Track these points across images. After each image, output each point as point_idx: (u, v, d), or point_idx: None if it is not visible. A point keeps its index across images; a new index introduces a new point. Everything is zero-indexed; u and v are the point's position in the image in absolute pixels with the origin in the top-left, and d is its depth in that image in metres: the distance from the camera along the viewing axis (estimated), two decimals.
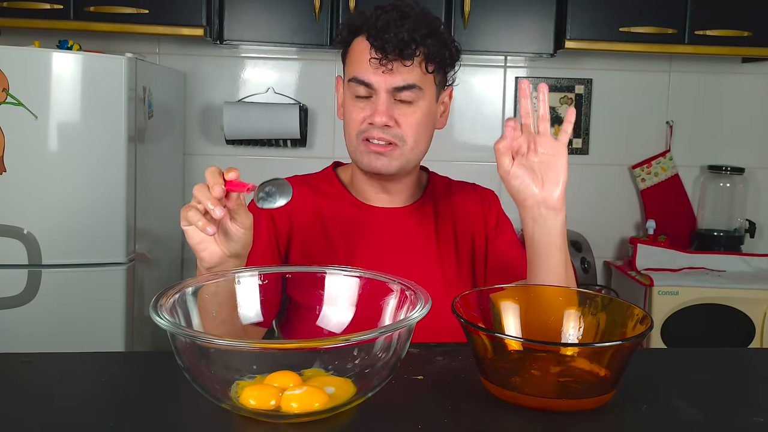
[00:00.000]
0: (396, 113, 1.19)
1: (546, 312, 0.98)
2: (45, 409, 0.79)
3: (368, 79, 1.19)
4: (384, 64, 1.17)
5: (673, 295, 2.41)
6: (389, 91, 1.18)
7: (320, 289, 0.94)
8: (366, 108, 1.20)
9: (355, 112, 1.22)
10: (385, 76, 1.18)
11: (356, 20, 1.23)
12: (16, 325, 2.00)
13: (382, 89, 1.18)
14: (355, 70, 1.20)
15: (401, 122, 1.20)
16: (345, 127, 1.25)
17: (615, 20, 2.43)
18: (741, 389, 0.92)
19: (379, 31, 1.16)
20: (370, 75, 1.18)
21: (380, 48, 1.16)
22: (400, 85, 1.18)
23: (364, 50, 1.19)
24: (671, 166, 2.83)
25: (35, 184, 2.00)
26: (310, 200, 1.29)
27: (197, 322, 0.85)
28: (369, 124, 1.20)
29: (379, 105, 1.18)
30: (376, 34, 1.16)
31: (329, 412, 0.74)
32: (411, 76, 1.18)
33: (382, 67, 1.17)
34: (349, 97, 1.23)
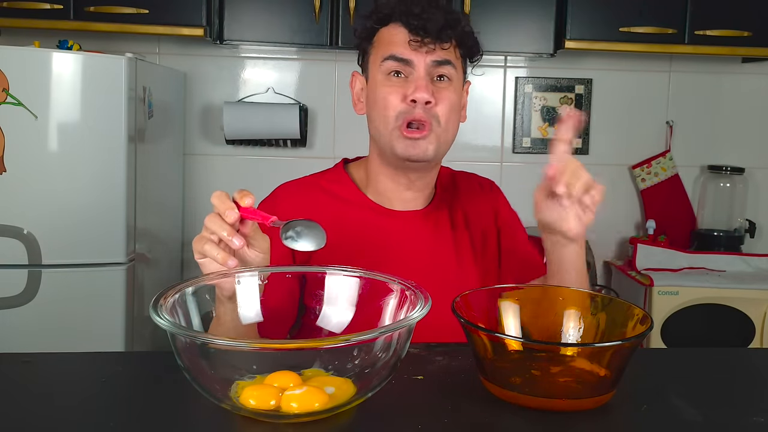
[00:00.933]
0: (434, 90, 1.17)
1: (546, 312, 0.98)
2: (45, 409, 0.79)
3: (407, 56, 1.17)
4: (424, 44, 1.16)
5: (673, 295, 2.41)
6: (428, 67, 1.17)
7: (320, 289, 0.94)
8: (403, 87, 1.17)
9: (392, 93, 1.18)
10: (424, 54, 1.17)
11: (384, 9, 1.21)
12: (16, 325, 2.00)
13: (422, 64, 1.17)
14: (390, 49, 1.18)
15: (438, 99, 1.17)
16: (377, 112, 1.20)
17: (615, 20, 2.43)
18: (741, 389, 0.92)
19: (414, 14, 1.16)
20: (409, 52, 1.17)
21: (420, 28, 1.15)
22: (438, 59, 1.17)
23: (399, 33, 1.18)
24: (671, 166, 2.83)
25: (35, 184, 2.00)
26: (326, 208, 1.23)
27: (197, 322, 0.85)
28: (411, 102, 1.16)
29: (420, 80, 1.16)
30: (413, 17, 1.16)
31: (329, 412, 0.74)
32: (448, 53, 1.18)
33: (423, 47, 1.16)
34: (382, 80, 1.20)
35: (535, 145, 2.82)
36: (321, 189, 1.26)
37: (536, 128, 2.82)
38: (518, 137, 2.82)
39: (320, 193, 1.25)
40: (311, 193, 1.25)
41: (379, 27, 1.22)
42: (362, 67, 1.28)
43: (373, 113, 1.22)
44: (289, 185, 1.28)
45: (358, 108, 1.29)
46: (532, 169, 2.81)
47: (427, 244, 1.25)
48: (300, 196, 1.25)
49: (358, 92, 1.29)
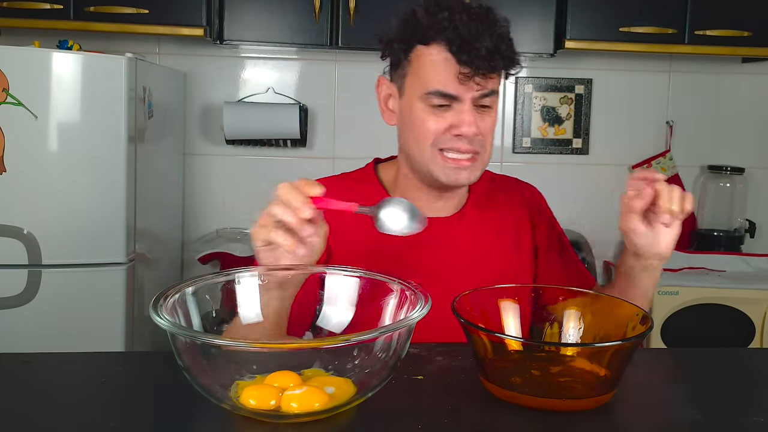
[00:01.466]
0: (477, 119, 1.13)
1: (546, 312, 0.98)
2: (45, 408, 0.79)
3: (454, 92, 1.11)
4: (472, 77, 1.10)
5: (673, 295, 2.41)
6: (473, 100, 1.13)
7: (320, 289, 0.94)
8: (446, 118, 1.13)
9: (434, 123, 1.13)
10: (471, 88, 1.11)
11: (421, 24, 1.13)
12: (16, 325, 2.00)
13: (468, 99, 1.12)
14: (436, 82, 1.12)
15: (482, 129, 1.14)
16: (415, 136, 1.16)
17: (615, 20, 2.43)
18: (741, 389, 0.92)
19: (463, 41, 1.08)
20: (456, 87, 1.11)
21: (467, 62, 1.09)
22: (484, 92, 1.12)
23: (444, 62, 1.10)
24: (671, 166, 2.83)
25: (35, 184, 1.99)
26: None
27: (197, 322, 0.85)
28: (455, 136, 1.13)
29: (466, 115, 1.12)
30: (461, 46, 1.08)
31: (329, 412, 0.74)
32: (493, 83, 1.13)
33: (469, 81, 1.10)
34: (423, 109, 1.14)
35: (535, 145, 2.82)
36: (348, 188, 1.24)
37: (536, 128, 2.82)
38: (518, 137, 2.82)
39: (346, 191, 1.23)
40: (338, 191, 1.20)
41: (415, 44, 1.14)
42: (392, 75, 1.22)
43: (409, 135, 1.18)
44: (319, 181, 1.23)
45: (386, 117, 1.23)
46: (532, 169, 2.82)
47: (452, 250, 1.22)
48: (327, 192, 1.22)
49: (386, 99, 1.23)
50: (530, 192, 1.36)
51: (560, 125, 2.83)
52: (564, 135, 2.84)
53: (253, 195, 2.73)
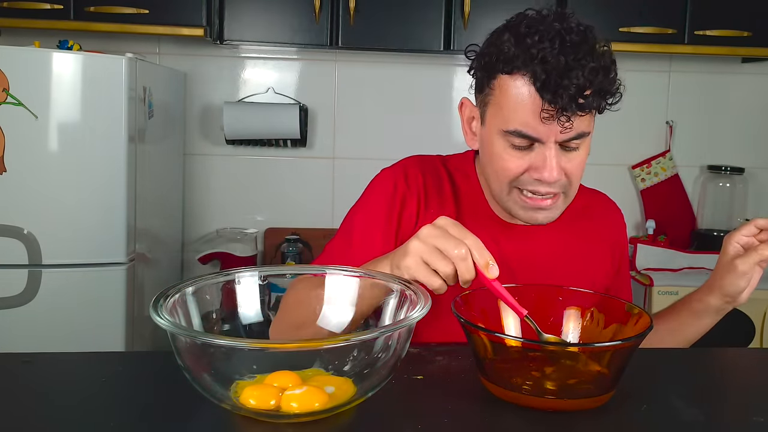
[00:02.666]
0: (562, 161, 1.04)
1: (546, 312, 0.98)
2: (45, 408, 0.79)
3: (536, 133, 1.01)
4: (556, 118, 0.98)
5: (673, 295, 2.41)
6: (559, 142, 1.03)
7: (320, 289, 0.94)
8: (526, 158, 1.04)
9: (512, 162, 1.05)
10: (555, 130, 1.00)
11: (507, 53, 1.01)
12: (16, 325, 2.00)
13: (551, 141, 1.02)
14: (516, 120, 1.02)
15: (568, 170, 1.05)
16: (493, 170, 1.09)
17: (615, 20, 2.43)
18: (741, 389, 0.92)
19: (550, 77, 0.96)
20: (538, 127, 1.01)
21: (553, 101, 0.97)
22: (572, 136, 1.02)
23: (526, 97, 1.00)
24: (671, 166, 2.83)
25: (35, 184, 1.99)
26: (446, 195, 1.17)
27: (197, 322, 0.85)
28: (535, 179, 1.04)
29: (549, 160, 1.02)
30: (546, 82, 0.97)
31: (329, 412, 0.74)
32: (582, 124, 1.02)
33: (553, 121, 0.99)
34: (503, 146, 1.05)
35: None
36: (447, 172, 1.19)
37: None
38: None
39: (445, 176, 1.19)
40: (436, 172, 1.19)
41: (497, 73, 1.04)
42: (476, 98, 1.13)
43: (488, 167, 1.11)
44: (417, 158, 1.21)
45: (469, 139, 1.15)
46: None
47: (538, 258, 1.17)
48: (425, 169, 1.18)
49: (469, 121, 1.15)
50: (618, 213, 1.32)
51: None
52: None
53: (253, 195, 2.74)
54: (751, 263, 1.08)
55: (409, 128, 2.68)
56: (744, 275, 1.09)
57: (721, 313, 1.17)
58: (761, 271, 1.10)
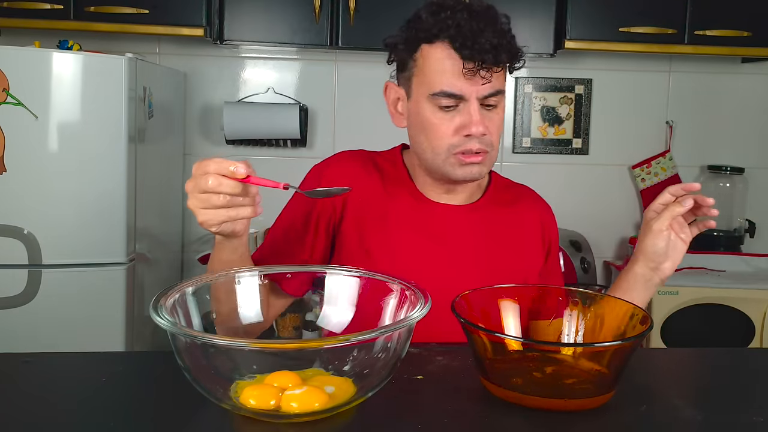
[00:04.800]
0: (485, 118, 1.15)
1: (546, 312, 0.98)
2: (45, 408, 0.79)
3: (459, 91, 1.13)
4: (476, 73, 1.11)
5: (673, 295, 2.41)
6: (479, 99, 1.14)
7: (320, 289, 0.94)
8: (455, 118, 1.15)
9: (444, 125, 1.15)
10: (476, 86, 1.13)
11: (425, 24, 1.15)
12: (16, 325, 2.00)
13: (473, 98, 1.13)
14: (442, 82, 1.13)
15: (489, 127, 1.16)
16: (426, 138, 1.18)
17: (615, 20, 2.43)
18: (741, 389, 0.92)
19: (466, 38, 1.10)
20: (462, 86, 1.12)
21: (470, 57, 1.10)
22: (490, 92, 1.14)
23: (447, 59, 1.12)
24: (671, 166, 2.83)
25: (35, 184, 1.99)
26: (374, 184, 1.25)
27: (197, 322, 0.85)
28: (465, 137, 1.14)
29: (474, 115, 1.13)
30: (465, 42, 1.10)
31: (329, 412, 0.75)
32: (498, 81, 1.15)
33: (474, 77, 1.12)
34: (432, 110, 1.16)
35: (535, 145, 2.82)
36: (375, 164, 1.28)
37: (536, 128, 2.82)
38: (518, 137, 2.82)
39: (373, 168, 1.27)
40: (365, 165, 1.27)
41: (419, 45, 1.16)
42: (399, 79, 1.24)
43: (420, 137, 1.20)
44: (348, 154, 1.31)
45: (396, 120, 1.25)
46: (532, 169, 2.82)
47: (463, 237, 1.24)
48: (354, 164, 1.27)
49: (394, 103, 1.25)
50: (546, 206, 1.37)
51: (560, 125, 2.83)
52: (564, 135, 2.84)
53: None
54: (664, 220, 1.16)
55: None
56: (660, 233, 1.16)
57: (649, 284, 1.20)
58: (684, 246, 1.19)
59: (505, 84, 1.18)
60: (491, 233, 1.26)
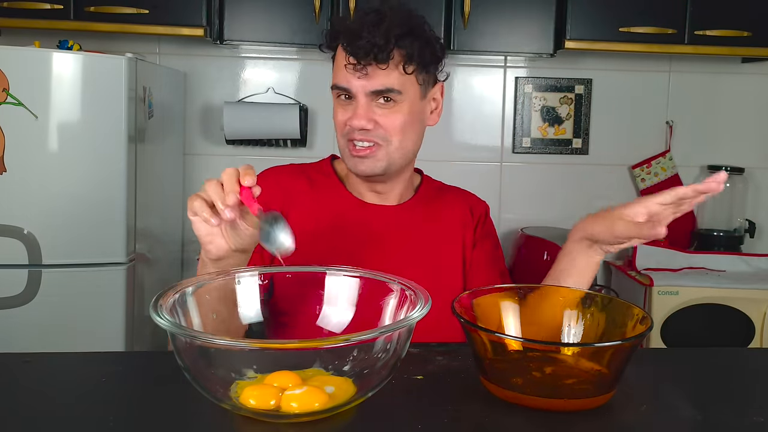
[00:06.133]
0: (377, 115, 1.21)
1: (546, 312, 0.98)
2: (45, 408, 0.79)
3: (346, 85, 1.21)
4: (359, 69, 1.19)
5: (673, 295, 2.41)
6: (367, 95, 1.21)
7: (320, 289, 0.94)
8: (347, 110, 1.24)
9: (340, 115, 1.25)
10: (362, 81, 1.20)
11: (336, 25, 1.26)
12: (16, 325, 2.00)
13: (360, 93, 1.21)
14: (335, 76, 1.24)
15: (383, 123, 1.22)
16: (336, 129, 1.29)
17: (615, 20, 2.43)
18: (741, 389, 0.92)
19: (353, 36, 1.18)
20: (348, 80, 1.21)
21: (353, 53, 1.18)
22: (377, 89, 1.20)
23: (341, 56, 1.22)
24: (671, 166, 2.83)
25: (35, 184, 2.00)
26: (306, 194, 1.31)
27: (197, 322, 0.85)
28: (350, 127, 1.23)
29: (358, 109, 1.21)
30: (350, 40, 1.18)
31: (329, 412, 0.74)
32: (389, 79, 1.20)
33: (357, 72, 1.19)
34: (336, 101, 1.26)
35: (535, 145, 2.82)
36: (306, 176, 1.35)
37: (536, 128, 2.82)
38: (518, 137, 2.82)
39: (304, 179, 1.34)
40: (296, 178, 1.35)
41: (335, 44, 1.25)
42: None
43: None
44: (279, 168, 1.40)
45: None
46: (532, 169, 2.82)
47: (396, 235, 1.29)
48: (285, 178, 1.35)
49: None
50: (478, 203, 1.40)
51: (560, 125, 2.83)
52: (564, 135, 2.84)
53: None
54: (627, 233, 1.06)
55: None
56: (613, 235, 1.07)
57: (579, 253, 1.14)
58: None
59: (403, 83, 1.21)
60: (420, 230, 1.31)
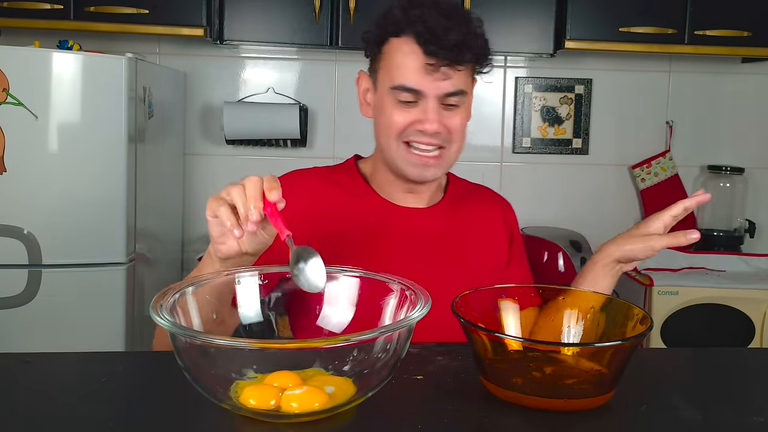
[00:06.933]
0: (444, 117, 1.16)
1: (546, 312, 0.98)
2: (45, 409, 0.79)
3: (418, 86, 1.14)
4: (437, 70, 1.12)
5: (673, 295, 2.41)
6: (438, 97, 1.15)
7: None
8: (411, 113, 1.16)
9: (400, 117, 1.16)
10: (436, 83, 1.13)
11: (394, 18, 1.16)
12: (16, 325, 2.00)
13: (432, 95, 1.14)
14: (402, 76, 1.15)
15: (448, 125, 1.16)
16: (382, 128, 1.20)
17: (615, 20, 2.43)
18: (741, 389, 0.92)
19: (431, 34, 1.11)
20: (421, 82, 1.14)
21: (433, 53, 1.11)
22: (450, 91, 1.15)
23: (411, 54, 1.13)
24: (671, 166, 2.83)
25: (35, 184, 2.00)
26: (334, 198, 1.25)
27: (197, 322, 0.85)
28: (418, 131, 1.16)
29: (430, 113, 1.14)
30: (429, 38, 1.11)
31: (329, 412, 0.74)
32: (460, 80, 1.15)
33: (435, 74, 1.13)
34: (392, 102, 1.17)
35: (535, 145, 2.82)
36: (331, 180, 1.28)
37: (536, 128, 2.82)
38: (518, 137, 2.82)
39: (330, 183, 1.27)
40: (321, 182, 1.27)
41: (387, 37, 1.17)
42: (370, 69, 1.25)
43: (380, 127, 1.22)
44: (302, 172, 1.30)
45: (364, 110, 1.27)
46: (532, 169, 2.82)
47: (429, 238, 1.24)
48: (311, 183, 1.27)
49: (365, 93, 1.26)
50: (505, 203, 1.39)
51: (560, 125, 2.83)
52: (564, 135, 2.84)
53: None
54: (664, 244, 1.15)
55: None
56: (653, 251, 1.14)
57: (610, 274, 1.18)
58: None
59: (470, 86, 1.19)
60: (457, 232, 1.27)
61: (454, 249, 1.25)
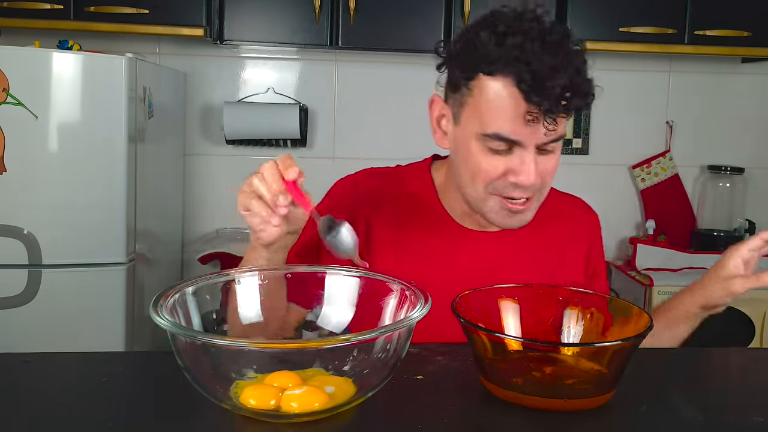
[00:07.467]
0: (539, 164, 1.02)
1: (546, 312, 0.98)
2: (45, 408, 0.79)
3: (516, 137, 0.99)
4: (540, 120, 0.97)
5: None
6: (538, 146, 1.01)
7: (320, 289, 0.94)
8: (504, 161, 1.02)
9: (490, 166, 1.03)
10: (537, 133, 0.98)
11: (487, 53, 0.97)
12: (16, 325, 2.00)
13: (532, 146, 1.00)
14: (496, 124, 0.99)
15: (542, 173, 1.03)
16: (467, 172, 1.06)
17: (615, 20, 2.43)
18: (741, 389, 0.92)
19: (535, 79, 0.94)
20: (519, 131, 0.98)
21: (538, 103, 0.95)
22: (552, 139, 1.01)
23: (509, 98, 0.97)
24: (671, 166, 2.83)
25: (35, 184, 1.99)
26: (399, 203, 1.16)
27: (197, 322, 0.85)
28: (511, 183, 1.03)
29: (529, 164, 1.00)
30: (533, 85, 0.94)
31: (329, 412, 0.74)
32: (561, 126, 1.01)
33: (536, 124, 0.97)
34: (481, 149, 1.02)
35: None
36: (401, 182, 1.19)
37: None
38: None
39: (399, 186, 1.18)
40: (389, 185, 1.19)
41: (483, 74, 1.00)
42: (447, 95, 1.09)
43: (461, 169, 1.08)
44: (372, 171, 1.22)
45: (437, 138, 1.12)
46: None
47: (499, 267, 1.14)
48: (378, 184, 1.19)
49: (438, 119, 1.11)
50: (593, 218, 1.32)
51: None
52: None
53: None
54: (748, 287, 1.11)
55: (409, 128, 2.67)
56: (734, 296, 1.13)
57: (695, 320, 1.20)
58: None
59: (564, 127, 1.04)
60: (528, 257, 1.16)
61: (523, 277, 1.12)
